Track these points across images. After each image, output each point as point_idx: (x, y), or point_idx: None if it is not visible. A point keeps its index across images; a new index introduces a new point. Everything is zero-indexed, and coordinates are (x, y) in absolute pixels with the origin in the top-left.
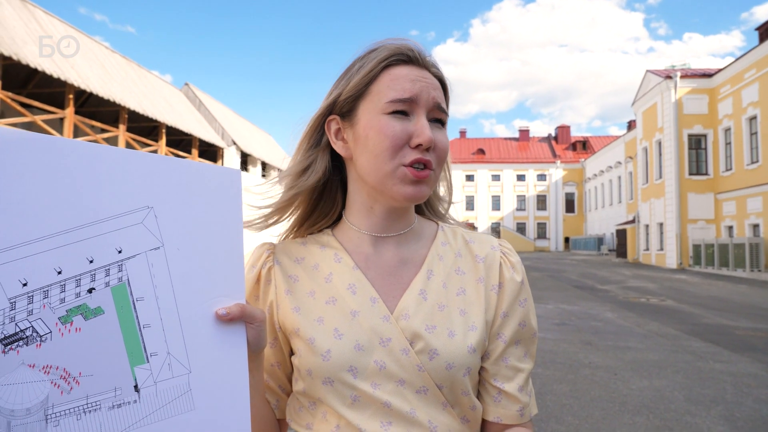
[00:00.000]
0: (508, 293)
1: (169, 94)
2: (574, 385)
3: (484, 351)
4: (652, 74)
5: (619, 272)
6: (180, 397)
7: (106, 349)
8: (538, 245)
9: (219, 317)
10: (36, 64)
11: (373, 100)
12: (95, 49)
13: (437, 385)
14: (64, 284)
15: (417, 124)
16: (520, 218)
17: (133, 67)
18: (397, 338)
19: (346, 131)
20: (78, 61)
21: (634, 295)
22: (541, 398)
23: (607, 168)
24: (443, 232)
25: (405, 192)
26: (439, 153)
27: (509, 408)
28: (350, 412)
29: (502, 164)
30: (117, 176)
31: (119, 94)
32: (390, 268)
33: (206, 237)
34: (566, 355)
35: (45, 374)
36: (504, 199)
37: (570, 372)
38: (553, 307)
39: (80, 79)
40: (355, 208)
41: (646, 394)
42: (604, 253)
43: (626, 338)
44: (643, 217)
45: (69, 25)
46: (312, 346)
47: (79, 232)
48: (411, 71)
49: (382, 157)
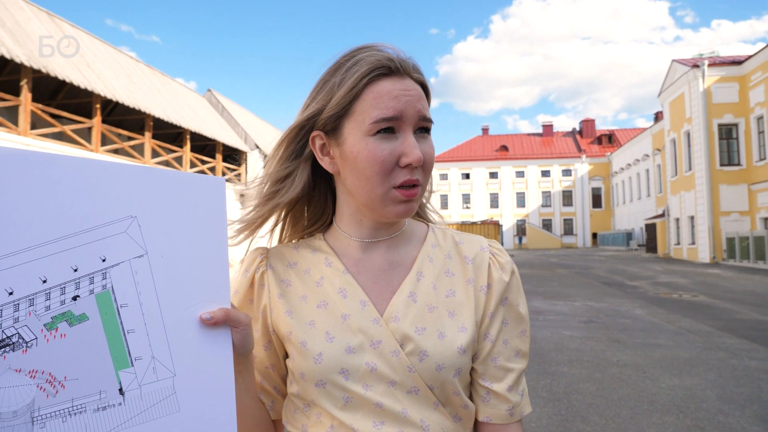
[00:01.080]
0: (496, 293)
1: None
2: (601, 384)
3: (475, 351)
4: (679, 64)
5: (649, 268)
6: (165, 400)
7: (91, 354)
8: (564, 242)
9: (203, 321)
10: (64, 75)
11: (357, 120)
12: (120, 59)
13: (428, 386)
14: (49, 292)
15: (405, 142)
16: (546, 214)
17: (157, 75)
18: (387, 340)
19: (333, 148)
20: (104, 72)
21: (665, 290)
22: (567, 397)
23: (634, 161)
24: (433, 234)
25: (396, 211)
26: (427, 166)
27: (498, 408)
28: (343, 413)
29: (526, 160)
30: (100, 187)
31: (144, 103)
32: (380, 272)
33: (190, 244)
34: (593, 354)
35: (31, 378)
36: (529, 195)
37: (597, 370)
38: (581, 305)
39: (106, 89)
40: (345, 217)
41: (676, 392)
42: (634, 248)
43: (656, 335)
44: (673, 210)
45: (95, 37)
46: (304, 350)
47: (63, 242)
48: (393, 85)
49: (372, 181)
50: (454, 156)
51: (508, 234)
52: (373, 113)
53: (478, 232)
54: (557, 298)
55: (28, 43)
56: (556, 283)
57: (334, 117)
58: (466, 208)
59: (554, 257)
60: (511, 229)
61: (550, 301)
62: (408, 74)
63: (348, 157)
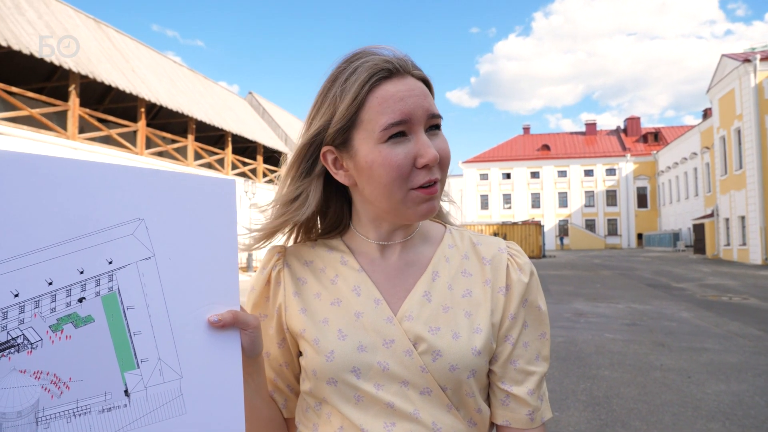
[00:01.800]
0: (515, 295)
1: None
2: (643, 389)
3: (491, 353)
4: (729, 58)
5: (697, 269)
6: (171, 402)
7: (96, 356)
8: (608, 242)
9: (211, 324)
10: (110, 81)
11: (366, 129)
12: (164, 64)
13: (441, 387)
14: (55, 294)
15: (418, 143)
16: (589, 215)
17: (200, 79)
18: (400, 339)
19: (345, 161)
20: (148, 76)
21: (713, 293)
22: (608, 402)
23: (681, 160)
24: (450, 235)
25: (419, 212)
26: (444, 162)
27: (518, 411)
28: (354, 412)
29: (569, 159)
30: (107, 190)
31: (187, 106)
32: (395, 271)
33: (199, 246)
34: (636, 357)
35: (36, 379)
36: (571, 195)
37: (639, 374)
38: (624, 307)
39: (151, 93)
40: (363, 222)
41: (722, 399)
42: (681, 249)
43: (703, 339)
44: (723, 210)
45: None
46: (317, 347)
47: (69, 245)
48: (397, 87)
49: (390, 187)
50: (494, 156)
51: (550, 234)
52: (381, 120)
53: (519, 233)
54: (599, 300)
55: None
56: (599, 285)
57: (341, 130)
58: (507, 209)
59: (597, 258)
60: (553, 229)
61: (592, 303)
62: (408, 73)
63: (363, 167)
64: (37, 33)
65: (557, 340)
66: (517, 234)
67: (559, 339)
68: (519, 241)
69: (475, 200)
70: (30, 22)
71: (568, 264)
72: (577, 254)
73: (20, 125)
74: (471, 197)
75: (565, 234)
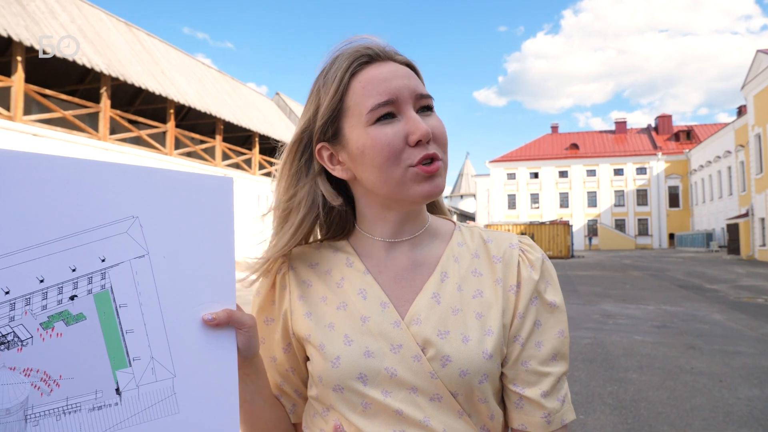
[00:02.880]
0: (525, 293)
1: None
2: (672, 393)
3: (503, 356)
4: (764, 54)
5: (731, 270)
6: (164, 401)
7: (88, 354)
8: (639, 242)
9: (205, 322)
10: (140, 83)
11: (353, 115)
12: (192, 66)
13: (451, 393)
14: (46, 292)
15: (408, 121)
16: (619, 214)
17: (228, 80)
18: (408, 344)
19: (340, 154)
20: (177, 78)
21: (748, 294)
22: (635, 405)
23: (715, 158)
24: (460, 233)
25: (422, 190)
26: (440, 139)
27: (533, 415)
28: (361, 419)
29: (598, 158)
30: (101, 188)
31: (215, 107)
32: (402, 272)
33: (195, 245)
34: (665, 360)
35: (25, 377)
36: (600, 194)
37: (669, 378)
38: (654, 308)
39: (179, 95)
40: (367, 219)
41: (756, 404)
42: (714, 249)
43: (736, 342)
44: (758, 209)
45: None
46: (322, 353)
47: (61, 243)
48: (379, 70)
49: (385, 168)
50: (522, 155)
51: (579, 234)
52: (367, 102)
53: (547, 233)
54: (629, 301)
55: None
56: (629, 286)
57: (329, 120)
58: (535, 208)
59: (627, 259)
60: (582, 229)
61: (621, 305)
62: (390, 58)
63: (356, 154)
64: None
65: (584, 341)
66: (544, 234)
67: (586, 341)
68: (547, 241)
69: (502, 200)
70: (63, 25)
71: (596, 264)
72: (606, 255)
73: (54, 127)
74: (498, 197)
75: (594, 234)
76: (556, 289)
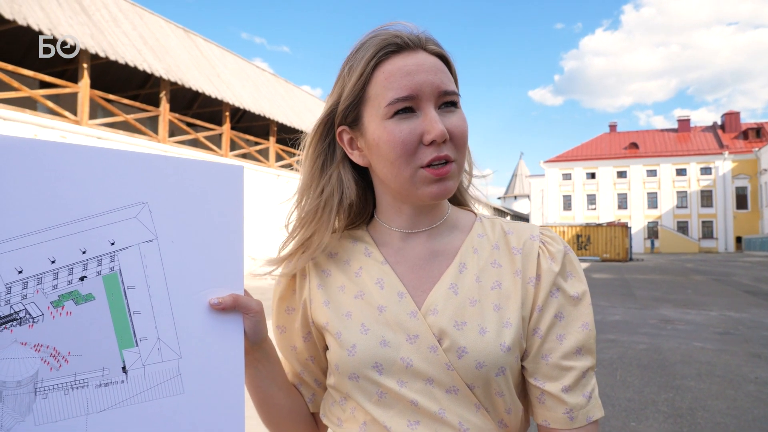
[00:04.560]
0: (544, 285)
1: (313, 106)
2: (733, 402)
3: (522, 349)
4: None
5: None
6: (169, 381)
7: (96, 332)
8: (703, 246)
9: (212, 306)
10: (197, 87)
11: (373, 105)
12: (247, 69)
13: (468, 385)
14: (57, 272)
15: (425, 119)
16: (681, 216)
17: (281, 83)
18: (424, 335)
19: (359, 140)
20: (233, 82)
21: None
22: (692, 414)
23: None
24: (481, 224)
25: (430, 192)
26: (457, 140)
27: (555, 410)
28: (376, 409)
29: (659, 158)
30: (112, 174)
31: (269, 110)
32: (420, 262)
33: (203, 230)
34: (727, 368)
35: (36, 352)
36: (661, 196)
37: (730, 387)
38: (717, 314)
39: (235, 98)
40: (384, 208)
41: None
42: None
43: None
44: None
45: (225, 50)
46: (339, 341)
47: (72, 226)
48: (405, 61)
49: (397, 165)
50: (578, 155)
51: (638, 237)
52: (387, 95)
53: (604, 235)
54: (690, 307)
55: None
56: (690, 291)
57: (351, 106)
58: (591, 210)
59: (690, 262)
60: (641, 231)
61: (680, 310)
62: (421, 47)
63: (372, 145)
64: (132, 44)
65: (639, 346)
66: (601, 236)
67: (642, 346)
68: (603, 244)
69: (557, 201)
70: (125, 33)
71: (656, 268)
72: (667, 258)
73: (117, 130)
74: (553, 198)
75: (654, 236)
76: (580, 281)
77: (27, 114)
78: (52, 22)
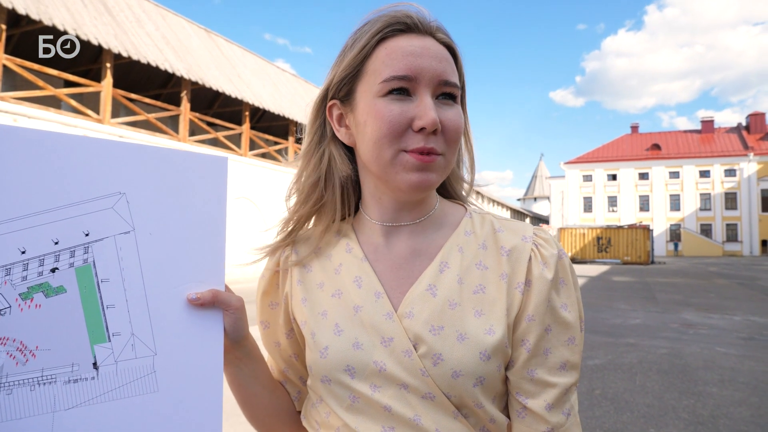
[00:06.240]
0: (536, 293)
1: None
2: (757, 410)
3: (507, 359)
4: None
5: None
6: (142, 378)
7: (66, 326)
8: (726, 249)
9: (190, 302)
10: (218, 86)
11: (369, 81)
12: (267, 70)
13: (444, 394)
14: (27, 263)
15: (419, 104)
16: (705, 219)
17: (301, 83)
18: (399, 338)
19: (348, 116)
20: (253, 82)
21: None
22: (713, 422)
23: None
24: (470, 220)
25: (409, 180)
26: (450, 135)
27: (534, 427)
28: (348, 414)
29: (681, 160)
30: (88, 164)
31: (288, 109)
32: (400, 260)
33: (184, 223)
34: (751, 375)
35: (1, 345)
36: (684, 198)
37: (754, 394)
38: (741, 319)
39: (255, 98)
40: (366, 198)
41: None
42: None
43: None
44: None
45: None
46: (313, 341)
47: (45, 216)
48: (410, 42)
49: (380, 144)
50: (599, 156)
51: (660, 239)
52: (384, 71)
53: (625, 237)
54: (713, 311)
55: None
56: (713, 295)
57: (346, 79)
58: (612, 212)
59: (713, 266)
60: (664, 234)
61: (703, 314)
62: (430, 33)
63: (360, 122)
64: (155, 44)
65: (660, 351)
66: (622, 238)
67: (662, 350)
68: (625, 246)
69: (577, 202)
70: (148, 33)
71: (679, 271)
72: (690, 261)
73: (139, 129)
74: (573, 199)
75: (677, 239)
76: (571, 290)
77: (51, 112)
78: (77, 22)
